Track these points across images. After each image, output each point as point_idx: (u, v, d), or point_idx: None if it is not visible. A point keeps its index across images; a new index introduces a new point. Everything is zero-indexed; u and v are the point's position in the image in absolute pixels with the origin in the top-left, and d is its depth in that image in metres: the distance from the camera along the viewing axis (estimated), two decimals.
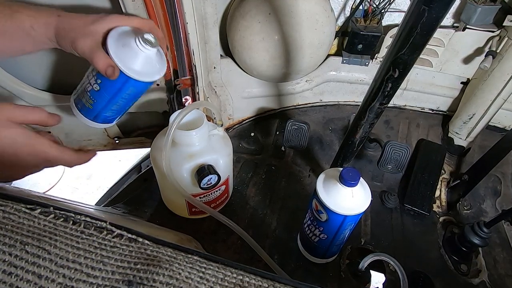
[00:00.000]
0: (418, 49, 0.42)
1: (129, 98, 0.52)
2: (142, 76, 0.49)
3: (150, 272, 0.25)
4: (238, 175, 0.77)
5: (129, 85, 0.49)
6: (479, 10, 0.72)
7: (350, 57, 0.88)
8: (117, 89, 0.49)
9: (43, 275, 0.23)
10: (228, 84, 0.84)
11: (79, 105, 0.53)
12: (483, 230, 0.58)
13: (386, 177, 0.78)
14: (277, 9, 0.70)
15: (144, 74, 0.49)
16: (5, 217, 0.27)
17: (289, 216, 0.69)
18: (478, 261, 0.63)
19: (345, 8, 0.85)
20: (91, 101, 0.51)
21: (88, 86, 0.50)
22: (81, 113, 0.53)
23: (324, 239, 0.54)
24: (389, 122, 0.94)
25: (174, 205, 0.66)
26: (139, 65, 0.48)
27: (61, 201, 0.47)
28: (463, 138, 0.85)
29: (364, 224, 0.68)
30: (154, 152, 0.57)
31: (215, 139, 0.59)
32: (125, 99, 0.52)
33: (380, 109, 0.52)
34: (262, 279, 0.28)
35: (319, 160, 0.82)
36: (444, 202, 0.74)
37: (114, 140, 0.81)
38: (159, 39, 0.49)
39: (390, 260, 0.50)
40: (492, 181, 0.80)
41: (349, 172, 0.46)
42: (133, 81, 0.48)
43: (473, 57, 0.83)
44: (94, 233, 0.28)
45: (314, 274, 0.59)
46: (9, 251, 0.24)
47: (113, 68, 0.45)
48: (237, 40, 0.76)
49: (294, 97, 0.95)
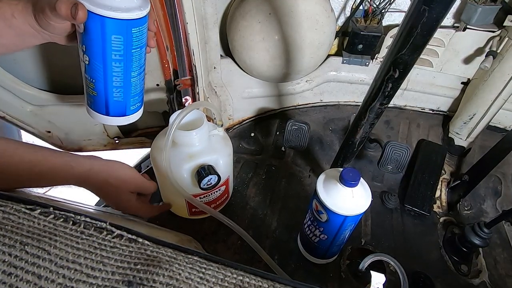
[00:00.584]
0: (419, 49, 0.42)
1: (123, 57, 0.44)
2: (118, 11, 0.40)
3: (150, 273, 0.25)
4: (238, 175, 0.77)
5: (110, 30, 0.41)
6: (480, 10, 0.72)
7: (350, 57, 0.88)
8: (101, 43, 0.42)
9: (43, 275, 0.23)
10: (228, 84, 0.84)
11: (89, 102, 0.48)
12: (484, 231, 0.58)
13: (386, 178, 0.78)
14: (277, 9, 0.70)
15: (121, 8, 0.40)
16: (5, 218, 0.27)
17: (289, 216, 0.69)
18: (479, 262, 0.63)
19: (346, 8, 0.85)
20: (92, 84, 0.45)
21: (82, 67, 0.45)
22: (95, 111, 0.48)
23: (324, 239, 0.53)
24: (389, 122, 0.94)
25: (174, 205, 0.66)
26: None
27: (61, 202, 0.47)
28: (464, 139, 0.85)
29: (364, 224, 0.68)
30: (154, 152, 0.57)
31: (215, 139, 0.59)
32: (119, 60, 0.44)
33: (380, 109, 0.52)
34: (262, 280, 0.28)
35: (319, 160, 0.82)
36: (445, 202, 0.74)
37: (114, 140, 0.81)
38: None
39: (391, 260, 0.50)
40: (492, 181, 0.79)
41: (349, 172, 0.46)
42: (110, 22, 0.40)
43: (474, 57, 0.83)
44: (94, 233, 0.28)
45: (315, 275, 0.59)
46: (9, 252, 0.24)
47: (76, 5, 0.37)
48: (237, 40, 0.76)
49: (294, 97, 0.95)
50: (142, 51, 0.46)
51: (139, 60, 0.47)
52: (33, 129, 0.71)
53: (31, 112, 0.68)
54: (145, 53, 0.48)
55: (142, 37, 0.45)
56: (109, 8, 0.39)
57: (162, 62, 0.65)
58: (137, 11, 0.42)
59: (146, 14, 0.43)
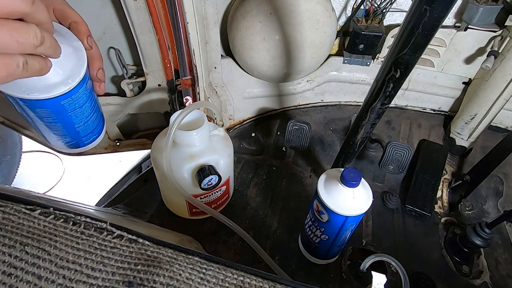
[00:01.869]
0: (420, 49, 0.42)
1: (58, 121, 0.40)
2: (34, 93, 0.35)
3: (150, 273, 0.25)
4: (239, 175, 0.77)
5: (31, 107, 0.37)
6: (481, 10, 0.72)
7: (351, 57, 0.88)
8: (28, 116, 0.38)
9: (43, 276, 0.23)
10: (229, 84, 0.84)
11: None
12: (485, 231, 0.58)
13: (387, 178, 0.78)
14: (278, 9, 0.70)
15: (38, 88, 0.35)
16: (5, 218, 0.27)
17: (290, 216, 0.69)
18: (480, 262, 0.63)
19: (347, 8, 0.85)
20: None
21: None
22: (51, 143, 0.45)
23: (325, 240, 0.53)
24: (390, 123, 0.94)
25: (174, 205, 0.65)
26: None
27: (61, 202, 0.47)
28: (465, 139, 0.85)
29: (365, 225, 0.68)
30: (155, 153, 0.57)
31: (215, 139, 0.59)
32: (55, 122, 0.40)
33: (381, 109, 0.52)
34: (263, 280, 0.28)
35: (320, 160, 0.82)
36: (446, 202, 0.74)
37: (115, 142, 0.81)
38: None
39: (392, 261, 0.49)
40: (494, 181, 0.79)
41: (350, 172, 0.46)
42: (26, 102, 0.36)
43: (475, 57, 0.83)
44: (94, 234, 0.28)
45: (315, 275, 0.59)
46: (9, 252, 0.24)
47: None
48: (238, 40, 0.76)
49: (295, 97, 0.95)
50: (84, 108, 0.42)
51: (82, 114, 0.42)
52: (33, 133, 0.71)
53: None
54: (92, 100, 0.43)
55: (79, 100, 0.40)
56: (23, 91, 0.34)
57: (164, 62, 0.65)
58: (62, 87, 0.36)
59: (75, 85, 0.37)
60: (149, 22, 0.58)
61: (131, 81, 0.69)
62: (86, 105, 0.42)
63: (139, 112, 0.75)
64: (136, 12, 0.56)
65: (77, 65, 0.37)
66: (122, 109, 0.73)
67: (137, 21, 0.58)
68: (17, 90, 0.34)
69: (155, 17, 0.57)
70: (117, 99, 0.71)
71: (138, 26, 0.59)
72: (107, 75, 0.70)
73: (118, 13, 0.60)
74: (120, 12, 0.58)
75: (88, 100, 0.42)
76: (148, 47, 0.63)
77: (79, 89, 0.39)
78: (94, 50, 0.40)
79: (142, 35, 0.60)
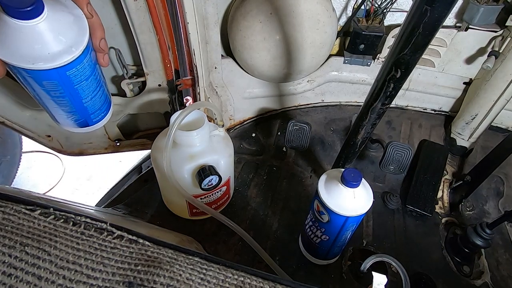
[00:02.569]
0: (420, 49, 0.42)
1: (65, 94, 0.41)
2: (39, 62, 0.35)
3: (150, 274, 0.25)
4: (239, 176, 0.76)
5: (38, 78, 0.37)
6: (482, 10, 0.72)
7: (352, 57, 0.88)
8: (35, 89, 0.39)
9: (43, 276, 0.23)
10: (229, 85, 0.84)
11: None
12: (486, 231, 0.58)
13: (388, 178, 0.78)
14: (279, 9, 0.70)
15: (43, 58, 0.35)
16: (5, 218, 0.27)
17: (291, 217, 0.68)
18: (481, 263, 0.63)
19: (347, 8, 0.85)
20: (48, 109, 0.44)
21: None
22: (59, 123, 0.47)
23: (325, 240, 0.53)
24: (391, 123, 0.94)
25: (174, 206, 0.65)
26: (16, 46, 0.34)
27: (61, 202, 0.46)
28: (466, 139, 0.85)
29: (366, 225, 0.68)
30: (155, 153, 0.57)
31: (216, 139, 0.59)
32: (62, 96, 0.41)
33: (382, 109, 0.51)
34: (263, 281, 0.28)
35: (320, 160, 0.82)
36: (447, 203, 0.74)
37: (115, 142, 0.81)
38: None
39: (392, 261, 0.49)
40: (494, 182, 0.79)
41: (351, 173, 0.46)
42: (34, 73, 0.36)
43: (476, 57, 0.83)
44: (94, 234, 0.28)
45: (316, 276, 0.59)
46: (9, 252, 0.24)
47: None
48: (238, 40, 0.76)
49: (295, 98, 0.95)
50: (89, 80, 0.43)
51: (89, 88, 0.43)
52: (33, 134, 0.71)
53: (31, 116, 0.68)
54: (97, 74, 0.44)
55: (84, 71, 0.41)
56: (27, 60, 0.35)
57: (164, 62, 0.65)
58: (66, 55, 0.36)
59: (79, 54, 0.38)
60: (149, 22, 0.58)
61: (131, 81, 0.69)
62: (91, 78, 0.42)
63: (139, 112, 0.75)
64: (136, 12, 0.56)
65: (79, 33, 0.37)
66: (122, 109, 0.73)
67: (137, 21, 0.58)
68: (22, 60, 0.34)
69: (155, 17, 0.57)
70: (117, 99, 0.71)
71: (138, 26, 0.59)
72: (107, 76, 0.69)
73: (118, 13, 0.60)
74: (120, 12, 0.58)
75: (93, 72, 0.43)
76: (148, 47, 0.63)
77: (83, 58, 0.39)
78: (95, 19, 0.40)
79: (142, 35, 0.60)
